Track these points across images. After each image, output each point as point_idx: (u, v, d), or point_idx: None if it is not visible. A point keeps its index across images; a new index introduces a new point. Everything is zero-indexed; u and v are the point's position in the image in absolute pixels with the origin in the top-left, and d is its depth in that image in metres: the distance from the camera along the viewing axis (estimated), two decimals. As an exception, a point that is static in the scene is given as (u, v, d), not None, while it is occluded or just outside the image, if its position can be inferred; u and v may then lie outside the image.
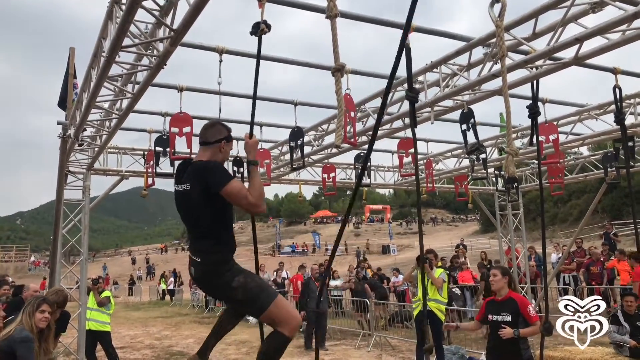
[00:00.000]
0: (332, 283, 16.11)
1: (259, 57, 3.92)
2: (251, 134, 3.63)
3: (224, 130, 3.46)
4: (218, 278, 3.26)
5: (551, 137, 7.67)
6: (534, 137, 4.96)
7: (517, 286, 12.33)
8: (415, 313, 8.67)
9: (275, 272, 20.20)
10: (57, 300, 5.47)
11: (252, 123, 3.89)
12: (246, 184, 3.36)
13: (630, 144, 7.48)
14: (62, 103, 7.98)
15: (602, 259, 14.24)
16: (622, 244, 19.39)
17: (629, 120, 7.77)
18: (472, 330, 5.89)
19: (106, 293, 9.39)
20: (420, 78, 6.55)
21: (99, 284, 9.42)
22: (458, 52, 5.95)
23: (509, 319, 5.31)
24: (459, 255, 16.25)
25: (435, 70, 6.35)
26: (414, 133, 4.48)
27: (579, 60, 5.12)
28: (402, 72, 3.68)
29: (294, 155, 7.79)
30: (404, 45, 3.26)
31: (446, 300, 8.50)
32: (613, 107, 7.27)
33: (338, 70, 3.99)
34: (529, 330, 5.30)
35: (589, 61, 5.65)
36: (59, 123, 7.20)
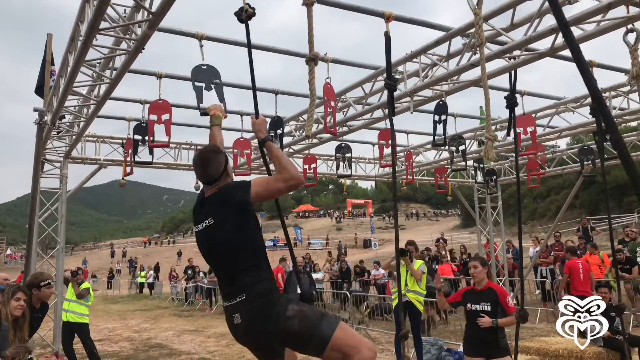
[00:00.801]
0: (313, 276, 16.15)
1: (249, 43, 3.94)
2: (257, 115, 3.61)
3: (220, 156, 3.09)
4: (271, 310, 2.79)
5: (529, 129, 7.76)
6: (512, 128, 5.03)
7: (494, 277, 12.57)
8: (394, 304, 8.71)
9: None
10: (47, 277, 5.34)
11: (255, 105, 3.91)
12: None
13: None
14: (40, 90, 7.86)
15: (578, 252, 14.47)
16: (600, 238, 19.77)
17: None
18: (442, 302, 5.94)
19: (85, 285, 9.27)
20: (400, 68, 6.58)
21: (78, 275, 9.32)
22: (437, 42, 5.98)
23: (488, 308, 5.36)
24: (431, 249, 16.48)
25: (414, 60, 6.38)
26: (391, 121, 4.53)
27: (555, 51, 5.19)
28: (382, 62, 3.70)
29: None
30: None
31: (425, 292, 8.54)
32: (589, 99, 7.38)
33: (312, 60, 3.99)
34: (507, 320, 5.36)
35: (566, 53, 5.72)
36: (35, 109, 7.09)
